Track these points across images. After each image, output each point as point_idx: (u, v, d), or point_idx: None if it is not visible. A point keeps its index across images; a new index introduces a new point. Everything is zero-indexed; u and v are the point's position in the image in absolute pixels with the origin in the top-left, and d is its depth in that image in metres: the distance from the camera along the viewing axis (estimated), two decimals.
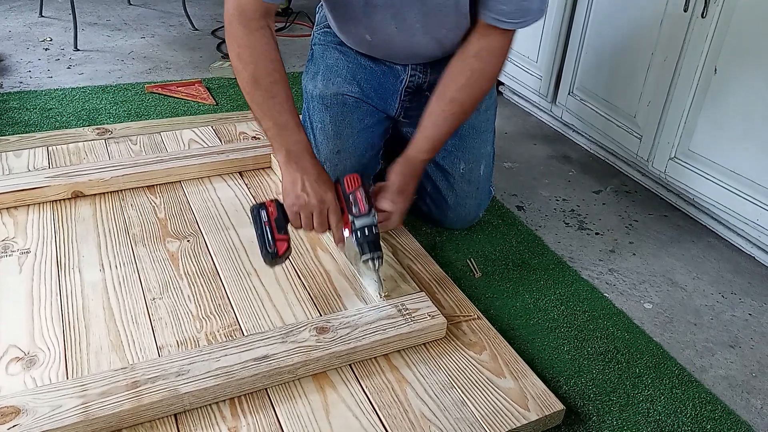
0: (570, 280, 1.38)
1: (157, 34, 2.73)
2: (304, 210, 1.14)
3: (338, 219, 1.15)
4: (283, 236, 1.15)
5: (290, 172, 1.14)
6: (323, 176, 1.15)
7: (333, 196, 1.14)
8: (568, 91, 1.94)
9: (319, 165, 1.16)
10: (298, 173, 1.13)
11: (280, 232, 1.15)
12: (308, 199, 1.13)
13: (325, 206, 1.14)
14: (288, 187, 1.15)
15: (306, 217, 1.14)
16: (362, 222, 1.14)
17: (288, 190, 1.15)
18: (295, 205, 1.14)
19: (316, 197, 1.12)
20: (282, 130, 1.14)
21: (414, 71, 1.36)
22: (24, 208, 1.39)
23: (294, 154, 1.14)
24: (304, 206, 1.13)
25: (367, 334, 1.06)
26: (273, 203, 1.17)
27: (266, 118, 1.14)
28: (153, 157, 1.55)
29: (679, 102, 1.55)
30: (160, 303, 1.16)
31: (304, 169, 1.14)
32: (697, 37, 1.47)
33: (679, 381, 1.14)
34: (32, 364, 1.01)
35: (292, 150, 1.14)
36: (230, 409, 0.96)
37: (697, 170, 1.54)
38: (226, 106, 2.07)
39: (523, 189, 1.73)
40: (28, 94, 2.04)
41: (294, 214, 1.15)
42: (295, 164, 1.14)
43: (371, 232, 1.14)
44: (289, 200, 1.15)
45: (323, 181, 1.14)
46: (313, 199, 1.13)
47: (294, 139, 1.15)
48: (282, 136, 1.14)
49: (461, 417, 0.97)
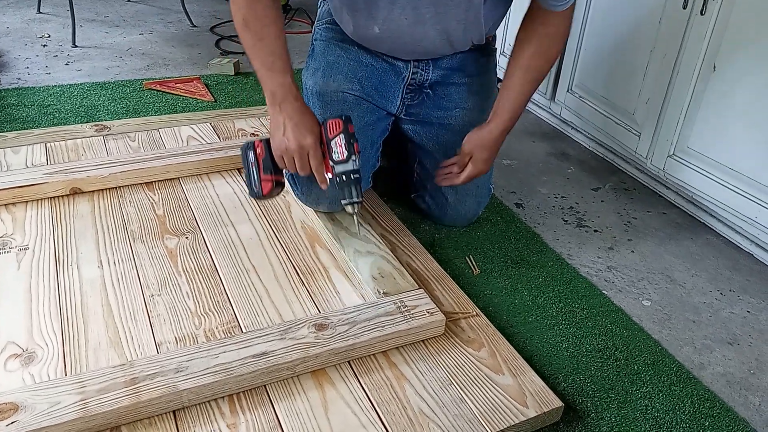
0: (568, 277, 1.38)
1: (156, 30, 2.72)
2: (286, 154, 1.19)
3: (318, 163, 1.19)
4: (269, 176, 1.22)
5: (275, 115, 1.19)
6: (305, 120, 1.18)
7: (313, 142, 1.17)
8: (567, 88, 1.94)
9: (302, 108, 1.19)
10: (281, 117, 1.17)
11: (266, 173, 1.22)
12: (288, 144, 1.17)
13: (305, 151, 1.17)
14: (273, 130, 1.20)
15: (288, 160, 1.19)
16: (341, 168, 1.18)
17: (272, 133, 1.20)
18: (278, 149, 1.19)
19: (296, 142, 1.16)
20: (268, 71, 1.17)
21: (416, 68, 1.36)
22: (22, 205, 1.38)
23: (278, 96, 1.17)
24: (286, 151, 1.18)
25: (365, 331, 1.06)
26: (262, 143, 1.23)
27: (255, 59, 1.18)
28: (151, 154, 1.55)
29: (678, 99, 1.55)
30: (159, 300, 1.16)
31: (286, 112, 1.17)
32: (696, 34, 1.47)
33: (678, 378, 1.14)
34: (30, 361, 1.01)
35: (277, 92, 1.17)
36: (229, 405, 0.96)
37: (695, 167, 1.54)
38: (225, 103, 2.06)
39: (521, 186, 1.73)
40: (26, 91, 2.04)
41: (278, 157, 1.21)
42: (279, 107, 1.17)
43: (349, 177, 1.19)
44: (273, 144, 1.20)
45: (304, 125, 1.17)
46: (293, 144, 1.17)
47: (279, 82, 1.17)
48: (268, 77, 1.18)
49: (460, 414, 0.98)
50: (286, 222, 1.40)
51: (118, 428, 0.91)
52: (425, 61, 1.35)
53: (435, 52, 1.33)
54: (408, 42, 1.28)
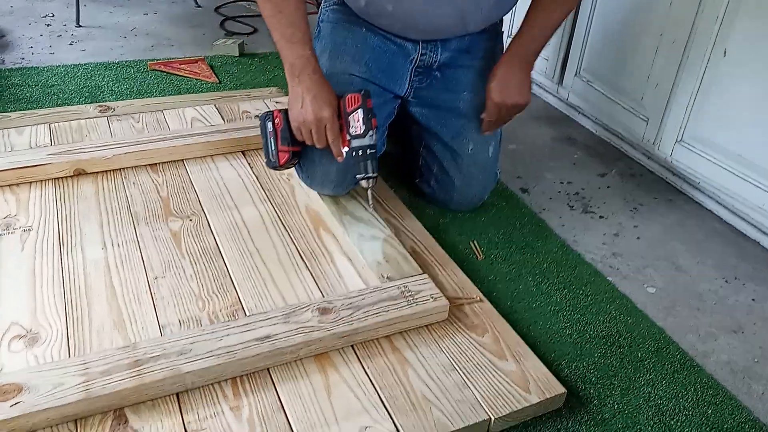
0: (573, 263, 1.37)
1: (160, 10, 2.70)
2: (303, 126, 1.20)
3: (335, 136, 1.20)
4: (286, 147, 1.24)
5: (293, 87, 1.20)
6: (323, 93, 1.19)
7: (330, 115, 1.18)
8: (574, 72, 1.92)
9: (320, 81, 1.19)
10: (300, 89, 1.18)
11: (283, 144, 1.24)
12: (306, 116, 1.18)
13: (322, 124, 1.19)
14: (291, 102, 1.21)
15: (305, 132, 1.21)
16: (358, 142, 1.20)
17: (291, 105, 1.21)
18: (296, 121, 1.21)
19: (313, 115, 1.17)
20: (287, 43, 1.18)
21: (425, 50, 1.35)
22: (26, 186, 1.38)
23: (297, 68, 1.18)
24: (303, 123, 1.19)
25: (369, 316, 1.06)
26: (280, 114, 1.25)
27: (274, 30, 1.19)
28: (155, 136, 1.54)
29: (687, 85, 1.53)
30: (163, 282, 1.16)
31: (305, 85, 1.18)
32: (707, 18, 1.45)
33: (681, 365, 1.13)
34: (34, 342, 1.01)
35: (296, 64, 1.18)
36: (232, 388, 0.96)
37: (703, 154, 1.52)
38: (229, 85, 2.05)
39: (527, 171, 1.72)
40: (29, 71, 2.03)
41: (296, 129, 1.22)
42: (298, 79, 1.18)
43: (365, 152, 1.20)
44: (291, 115, 1.22)
45: (322, 98, 1.18)
46: (310, 116, 1.18)
47: (298, 53, 1.18)
48: (287, 49, 1.19)
49: (462, 399, 0.98)
50: (291, 205, 1.40)
51: (122, 410, 0.91)
52: (434, 42, 1.34)
53: (447, 31, 1.31)
54: (421, 20, 1.27)
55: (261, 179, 1.47)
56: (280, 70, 2.17)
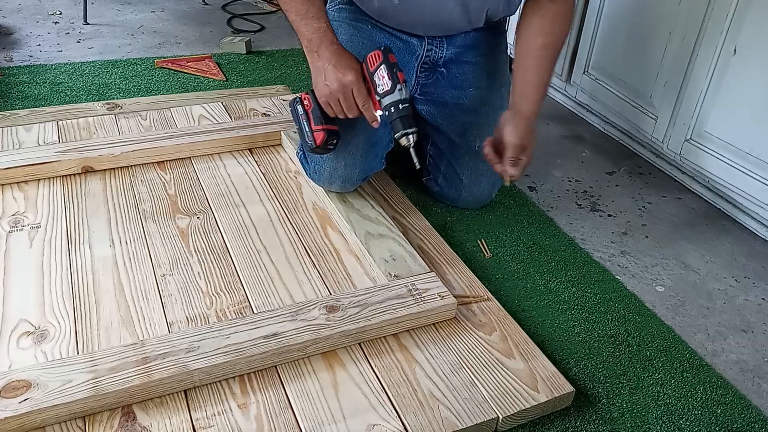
0: (581, 261, 1.36)
1: (168, 8, 2.70)
2: (331, 98, 1.17)
3: (364, 99, 1.17)
4: (320, 126, 1.21)
5: (313, 63, 1.18)
6: (343, 59, 1.16)
7: (355, 77, 1.15)
8: (583, 70, 1.91)
9: (339, 50, 1.18)
10: (320, 63, 1.17)
11: (317, 123, 1.21)
12: (331, 86, 1.16)
13: (348, 89, 1.15)
14: (315, 79, 1.19)
15: (335, 104, 1.18)
16: (389, 99, 1.15)
17: (315, 82, 1.19)
18: (323, 96, 1.18)
19: (337, 82, 1.15)
20: (303, 19, 1.18)
21: (431, 45, 1.34)
22: (34, 183, 1.39)
23: (315, 42, 1.17)
24: (330, 95, 1.17)
25: (376, 314, 1.05)
26: (308, 95, 1.23)
27: (290, 10, 1.19)
28: (163, 133, 1.54)
29: (697, 83, 1.52)
30: (170, 279, 1.16)
31: (323, 57, 1.16)
32: (717, 16, 1.44)
33: (690, 365, 1.13)
34: (43, 339, 1.01)
35: (313, 39, 1.17)
36: (240, 386, 0.96)
37: (713, 152, 1.51)
38: (236, 82, 2.05)
39: (535, 169, 1.71)
40: (38, 68, 2.03)
41: (325, 104, 1.19)
42: (316, 53, 1.17)
43: (398, 108, 1.15)
44: (317, 93, 1.20)
45: (343, 64, 1.15)
46: (334, 84, 1.15)
47: (314, 27, 1.17)
48: (304, 25, 1.18)
49: (470, 397, 0.97)
50: (298, 203, 1.39)
51: (130, 407, 0.91)
52: (439, 38, 1.34)
53: (453, 26, 1.31)
54: (426, 15, 1.27)
55: (268, 177, 1.47)
56: (287, 68, 2.17)
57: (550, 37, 1.25)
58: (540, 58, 1.25)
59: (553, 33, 1.25)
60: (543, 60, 1.25)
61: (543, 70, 1.26)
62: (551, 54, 1.26)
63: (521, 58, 1.27)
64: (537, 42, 1.25)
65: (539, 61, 1.25)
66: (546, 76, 1.27)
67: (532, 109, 1.26)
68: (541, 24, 1.25)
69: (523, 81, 1.26)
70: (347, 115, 1.19)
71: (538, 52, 1.25)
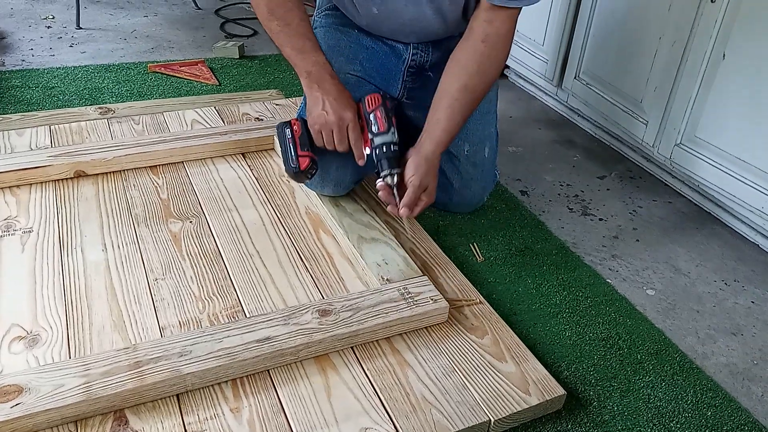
0: (573, 265, 1.37)
1: (160, 13, 2.70)
2: (325, 128, 1.20)
3: (357, 136, 1.20)
4: (306, 153, 1.23)
5: (312, 93, 1.20)
6: (344, 95, 1.20)
7: (352, 115, 1.19)
8: (574, 75, 1.92)
9: (339, 85, 1.21)
10: (319, 93, 1.19)
11: (303, 149, 1.24)
12: (328, 117, 1.18)
13: (345, 123, 1.19)
14: (311, 107, 1.21)
15: (327, 134, 1.21)
16: (381, 139, 1.20)
17: (310, 109, 1.21)
18: (317, 123, 1.20)
19: (335, 115, 1.18)
20: (300, 53, 1.19)
21: (416, 50, 1.35)
22: (26, 187, 1.38)
23: (314, 75, 1.19)
24: (325, 124, 1.19)
25: (369, 318, 1.06)
26: (298, 121, 1.25)
27: (285, 45, 1.20)
28: (156, 138, 1.54)
29: (687, 88, 1.53)
30: (163, 284, 1.16)
31: (324, 89, 1.19)
32: (706, 21, 1.46)
33: (681, 368, 1.14)
34: (35, 343, 1.01)
35: (312, 71, 1.19)
36: (232, 390, 0.96)
37: (702, 157, 1.53)
38: (229, 87, 2.05)
39: (527, 174, 1.73)
40: (30, 73, 2.03)
41: (316, 132, 1.22)
42: (317, 85, 1.19)
43: (389, 149, 1.20)
44: (311, 119, 1.21)
45: (343, 99, 1.19)
46: (332, 117, 1.18)
47: (313, 60, 1.19)
48: (301, 59, 1.20)
49: (462, 400, 0.98)
50: (291, 207, 1.40)
51: (122, 411, 0.91)
52: (425, 43, 1.35)
53: (432, 33, 1.32)
54: (406, 22, 1.28)
55: (261, 181, 1.47)
56: (280, 73, 2.18)
57: (472, 80, 1.19)
58: (456, 101, 1.20)
59: (478, 75, 1.19)
60: (459, 103, 1.20)
61: (456, 113, 1.20)
62: (470, 98, 1.21)
63: (439, 96, 1.22)
64: (458, 82, 1.20)
65: (454, 104, 1.20)
66: (459, 120, 1.21)
67: (436, 150, 1.20)
68: (466, 64, 1.19)
69: (434, 120, 1.21)
70: (336, 148, 1.21)
71: (457, 94, 1.20)
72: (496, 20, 1.17)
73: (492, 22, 1.17)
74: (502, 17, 1.17)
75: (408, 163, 1.20)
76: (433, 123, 1.22)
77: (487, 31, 1.18)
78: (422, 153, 1.20)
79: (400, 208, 1.18)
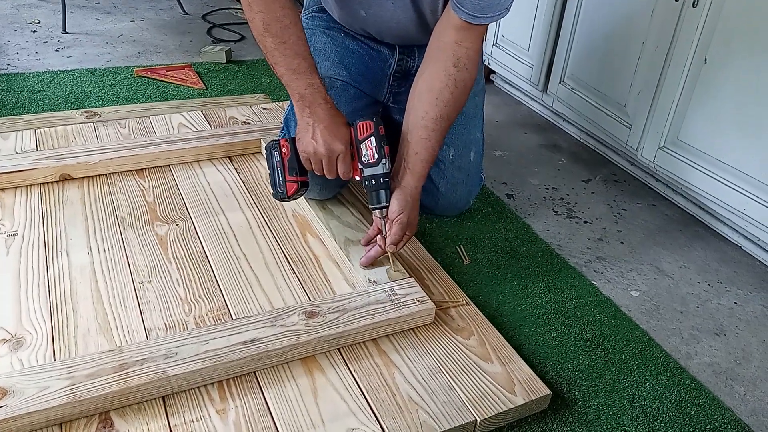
0: (558, 267, 1.38)
1: (147, 17, 2.70)
2: (314, 158, 1.17)
3: (346, 168, 1.17)
4: (294, 177, 1.20)
5: (303, 118, 1.16)
6: (335, 122, 1.15)
7: (343, 146, 1.15)
8: (559, 80, 1.94)
9: (332, 110, 1.16)
10: (311, 119, 1.15)
11: (291, 174, 1.20)
12: (317, 147, 1.15)
13: (334, 155, 1.15)
14: (300, 132, 1.17)
15: (315, 163, 1.18)
16: (371, 171, 1.16)
17: (300, 135, 1.17)
18: (305, 152, 1.17)
19: (325, 146, 1.14)
20: (294, 74, 1.14)
21: (402, 54, 1.36)
22: (11, 191, 1.38)
23: (307, 98, 1.14)
24: (314, 154, 1.16)
25: (355, 319, 1.06)
26: (287, 143, 1.20)
27: (279, 64, 1.14)
28: (142, 141, 1.54)
29: (670, 91, 1.55)
30: (149, 286, 1.15)
31: (316, 115, 1.14)
32: (688, 26, 1.48)
33: (665, 368, 1.15)
34: (19, 346, 1.00)
35: (306, 94, 1.14)
36: (218, 391, 0.96)
37: (685, 160, 1.54)
38: (216, 91, 2.05)
39: (512, 177, 1.74)
40: (15, 77, 2.02)
41: (305, 159, 1.18)
42: (309, 110, 1.15)
43: (378, 182, 1.16)
44: (300, 146, 1.18)
45: (334, 128, 1.15)
46: (321, 148, 1.14)
47: (307, 82, 1.14)
48: (294, 80, 1.14)
49: (449, 401, 0.98)
50: (277, 210, 1.40)
51: (107, 413, 0.91)
52: (410, 47, 1.36)
53: (418, 38, 1.32)
54: (393, 27, 1.28)
55: (248, 184, 1.47)
56: (267, 77, 2.18)
57: (447, 109, 1.17)
58: (433, 131, 1.17)
59: (453, 102, 1.17)
60: (435, 133, 1.17)
61: (434, 142, 1.18)
62: (445, 126, 1.19)
63: (413, 128, 1.18)
64: (433, 111, 1.17)
65: (431, 135, 1.17)
66: (437, 147, 1.19)
67: (418, 185, 1.18)
68: (441, 92, 1.16)
69: (413, 153, 1.18)
70: (325, 175, 1.18)
71: (432, 124, 1.17)
72: (466, 41, 1.14)
73: (462, 44, 1.14)
74: (472, 38, 1.15)
75: (392, 200, 1.16)
76: (412, 156, 1.17)
77: (458, 54, 1.15)
78: (407, 190, 1.17)
79: (387, 245, 1.17)
